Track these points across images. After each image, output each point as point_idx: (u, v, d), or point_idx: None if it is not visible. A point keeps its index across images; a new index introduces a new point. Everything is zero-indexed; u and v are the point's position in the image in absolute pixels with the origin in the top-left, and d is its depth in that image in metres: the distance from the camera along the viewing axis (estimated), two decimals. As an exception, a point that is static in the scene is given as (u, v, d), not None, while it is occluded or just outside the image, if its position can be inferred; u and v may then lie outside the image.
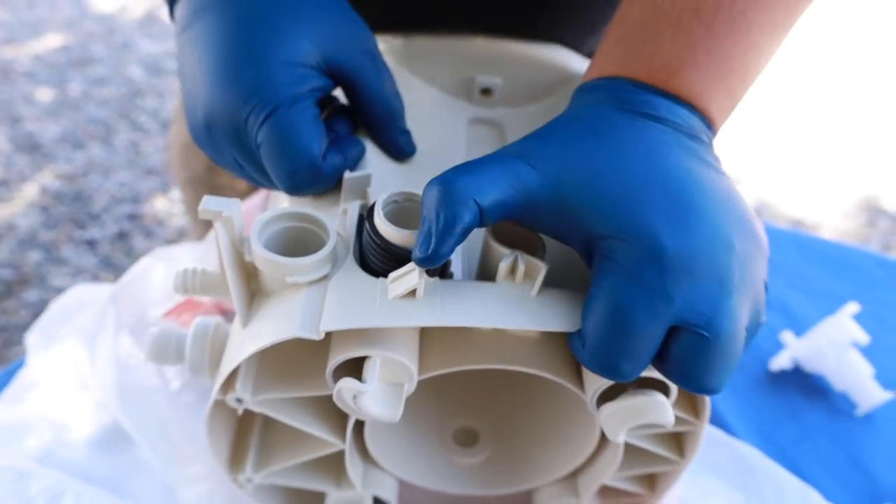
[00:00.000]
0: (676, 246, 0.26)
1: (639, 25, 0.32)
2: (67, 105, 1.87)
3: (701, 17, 0.30)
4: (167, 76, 2.02)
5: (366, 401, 0.28)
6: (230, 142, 0.33)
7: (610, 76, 0.31)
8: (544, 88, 0.43)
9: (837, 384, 0.50)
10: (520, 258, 0.28)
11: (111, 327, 0.47)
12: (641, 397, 0.28)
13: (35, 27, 2.18)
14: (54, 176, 1.65)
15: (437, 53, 0.43)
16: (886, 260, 0.61)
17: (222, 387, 0.31)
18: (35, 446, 0.43)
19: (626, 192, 0.27)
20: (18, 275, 1.43)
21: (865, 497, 0.45)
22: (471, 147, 0.41)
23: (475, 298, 0.28)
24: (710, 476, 0.46)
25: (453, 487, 0.39)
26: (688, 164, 0.28)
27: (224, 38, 0.33)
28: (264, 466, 0.35)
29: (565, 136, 0.29)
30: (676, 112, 0.30)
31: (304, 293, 0.28)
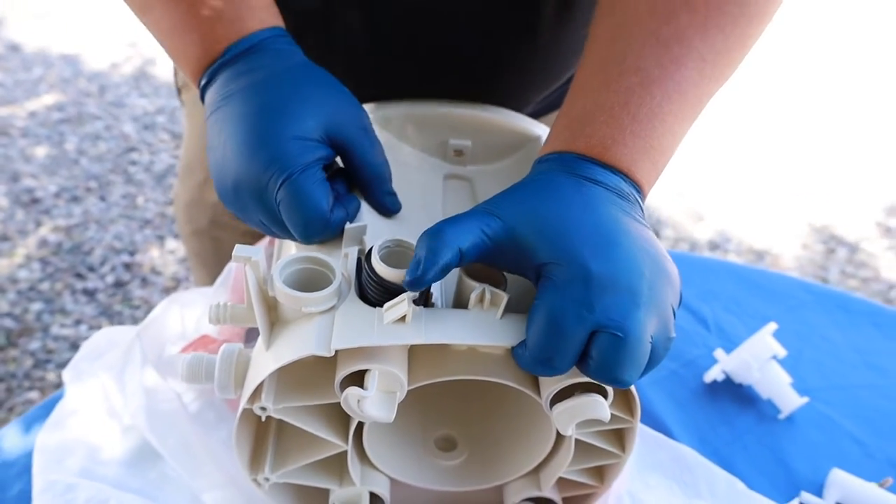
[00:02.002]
0: (598, 269, 0.34)
1: (582, 114, 0.41)
2: (64, 161, 1.95)
3: (628, 109, 0.40)
4: (159, 131, 2.11)
5: (367, 405, 0.36)
6: (254, 203, 0.41)
7: (559, 151, 0.40)
8: (506, 149, 0.52)
9: (763, 392, 0.58)
10: (486, 290, 0.36)
11: (138, 361, 0.54)
12: (585, 398, 0.36)
13: (31, 87, 2.27)
14: (53, 229, 1.72)
15: (418, 120, 0.52)
16: (810, 285, 0.70)
17: (249, 398, 0.38)
18: (75, 465, 0.50)
19: (564, 230, 0.36)
20: (20, 325, 1.49)
21: (785, 487, 0.53)
22: (446, 199, 0.50)
23: (452, 322, 0.36)
24: (654, 473, 0.53)
25: (436, 485, 0.46)
26: (615, 214, 0.37)
27: (247, 121, 0.41)
28: (280, 467, 0.42)
29: (523, 193, 0.38)
30: (609, 177, 0.39)
31: (316, 320, 0.36)
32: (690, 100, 0.41)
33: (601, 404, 0.36)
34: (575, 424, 0.38)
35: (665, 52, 0.40)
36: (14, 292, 1.56)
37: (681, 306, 0.68)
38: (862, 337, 0.65)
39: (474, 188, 0.51)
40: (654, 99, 0.40)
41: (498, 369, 0.38)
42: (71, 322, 1.50)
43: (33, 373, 1.40)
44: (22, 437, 0.54)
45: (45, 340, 1.46)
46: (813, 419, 0.58)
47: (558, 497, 0.45)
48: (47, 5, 2.73)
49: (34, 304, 1.53)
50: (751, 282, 0.70)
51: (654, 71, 0.40)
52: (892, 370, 0.62)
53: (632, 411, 0.40)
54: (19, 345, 1.45)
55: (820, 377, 0.61)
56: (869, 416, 0.58)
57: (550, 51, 0.56)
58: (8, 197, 1.81)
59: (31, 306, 1.53)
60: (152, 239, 1.72)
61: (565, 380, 0.36)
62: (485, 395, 0.47)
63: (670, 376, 0.61)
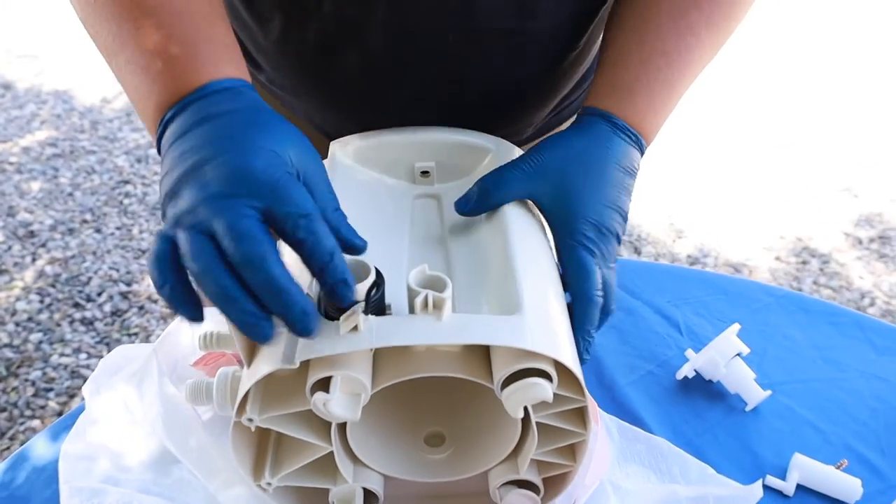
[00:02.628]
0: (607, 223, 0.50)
1: (626, 83, 0.54)
2: (59, 195, 2.00)
3: (659, 83, 0.54)
4: (152, 164, 2.16)
5: (332, 406, 0.40)
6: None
7: (609, 112, 0.53)
8: (468, 165, 0.58)
9: (730, 387, 0.64)
10: (430, 295, 0.41)
11: (155, 374, 0.59)
12: (527, 381, 0.40)
13: (24, 124, 2.32)
14: (50, 261, 1.76)
15: (386, 149, 0.57)
16: (772, 288, 0.76)
17: (237, 411, 0.43)
18: (100, 471, 0.55)
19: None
20: (20, 355, 1.52)
21: (752, 471, 0.58)
22: (414, 216, 0.55)
23: (399, 327, 0.41)
24: (632, 464, 0.58)
25: (426, 477, 0.50)
26: (618, 169, 0.51)
27: (216, 147, 0.40)
28: (278, 471, 0.47)
29: (567, 155, 0.52)
30: (630, 132, 0.53)
31: (286, 338, 0.40)
32: (695, 74, 0.56)
33: (542, 386, 0.40)
34: (530, 406, 0.43)
35: (682, 40, 0.54)
36: (13, 323, 1.59)
37: (656, 312, 0.74)
38: (820, 335, 0.70)
39: (441, 204, 0.56)
40: (673, 75, 0.54)
41: (453, 365, 0.43)
42: (70, 351, 1.53)
43: (34, 401, 1.43)
44: (50, 446, 0.58)
45: (46, 369, 1.49)
46: (776, 410, 0.63)
47: (538, 478, 0.49)
48: (36, 46, 2.79)
49: (33, 334, 1.56)
50: (718, 287, 0.76)
51: (674, 55, 0.54)
52: (848, 364, 0.68)
53: (581, 391, 0.43)
54: (19, 374, 1.48)
55: (782, 372, 0.66)
56: (826, 407, 0.63)
57: (562, 80, 0.65)
58: (4, 231, 1.85)
59: (31, 336, 1.56)
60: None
61: (512, 366, 0.41)
62: (462, 392, 0.51)
63: (646, 376, 0.66)
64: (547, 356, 0.41)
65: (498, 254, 0.49)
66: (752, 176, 2.25)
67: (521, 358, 0.41)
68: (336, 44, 0.57)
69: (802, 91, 2.74)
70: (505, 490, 0.49)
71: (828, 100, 2.69)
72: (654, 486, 0.55)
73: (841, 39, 3.15)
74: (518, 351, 0.41)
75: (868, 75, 2.88)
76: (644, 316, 0.72)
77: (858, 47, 3.09)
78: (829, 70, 2.90)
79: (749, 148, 2.39)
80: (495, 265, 0.48)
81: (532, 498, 0.50)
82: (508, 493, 0.49)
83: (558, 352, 0.41)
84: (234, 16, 0.60)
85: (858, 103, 2.68)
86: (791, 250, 1.94)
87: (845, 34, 3.19)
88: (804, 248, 1.95)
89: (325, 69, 0.60)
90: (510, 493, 0.49)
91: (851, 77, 2.86)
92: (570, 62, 0.63)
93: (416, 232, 0.53)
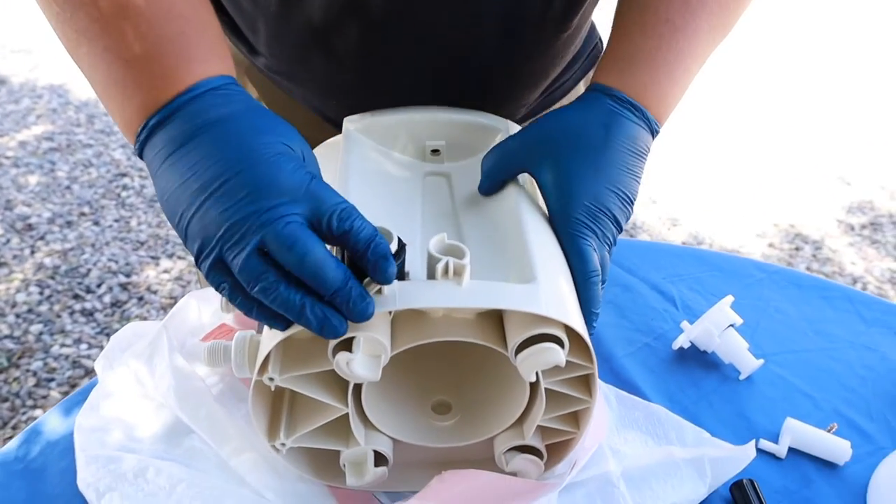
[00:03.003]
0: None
1: (627, 55, 0.52)
2: (56, 188, 2.00)
3: (661, 52, 0.52)
4: (148, 156, 2.17)
5: (355, 365, 0.42)
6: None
7: (609, 85, 0.52)
8: (477, 144, 0.59)
9: (724, 357, 0.66)
10: (450, 261, 0.42)
11: (165, 348, 0.60)
12: (542, 345, 0.42)
13: (20, 118, 2.32)
14: (49, 253, 1.77)
15: (398, 127, 0.59)
16: (763, 264, 0.78)
17: (259, 370, 0.45)
18: (114, 441, 0.56)
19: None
20: (21, 346, 1.53)
21: (745, 435, 0.60)
22: (425, 194, 0.56)
23: (421, 291, 0.42)
24: (630, 430, 0.60)
25: (434, 443, 0.52)
26: (620, 149, 0.49)
27: (226, 155, 0.39)
28: (292, 433, 0.48)
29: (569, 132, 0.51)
30: (639, 114, 0.51)
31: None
32: (703, 44, 0.53)
33: (556, 350, 0.42)
34: (540, 372, 0.44)
35: (686, 7, 0.51)
36: (13, 315, 1.60)
37: (652, 288, 0.75)
38: (811, 308, 0.72)
39: (451, 182, 0.58)
40: (679, 44, 0.51)
41: (469, 331, 0.44)
42: (71, 341, 1.54)
43: (36, 391, 1.44)
44: (63, 420, 0.60)
45: (47, 360, 1.50)
46: (768, 379, 0.65)
47: (541, 444, 0.51)
48: (30, 41, 2.79)
49: (34, 325, 1.58)
50: (712, 264, 0.77)
51: (679, 21, 0.51)
52: (837, 336, 0.70)
53: (590, 358, 0.46)
54: (21, 365, 1.49)
55: (774, 343, 0.68)
56: (817, 375, 0.65)
57: (554, 59, 0.65)
58: (3, 224, 1.86)
59: (31, 328, 1.57)
60: (147, 260, 1.77)
61: (526, 332, 0.43)
62: (474, 361, 0.54)
63: (644, 348, 0.68)
64: (559, 322, 0.43)
65: (509, 228, 0.50)
66: (746, 164, 2.27)
67: (534, 324, 0.43)
68: (332, 28, 0.58)
69: (795, 81, 2.76)
70: (510, 455, 0.51)
71: (820, 89, 2.71)
72: (651, 450, 0.57)
73: (833, 29, 3.17)
74: (532, 317, 0.43)
75: (860, 65, 2.91)
76: (641, 292, 0.74)
77: (851, 38, 3.11)
78: (821, 60, 2.92)
79: (743, 136, 2.41)
80: (507, 239, 0.50)
81: (537, 463, 0.51)
82: (514, 458, 0.51)
83: (571, 318, 0.43)
84: (230, 0, 0.61)
85: (850, 93, 2.70)
86: (784, 237, 1.96)
87: (838, 24, 3.22)
88: (797, 234, 1.97)
89: (321, 54, 0.61)
90: (516, 458, 0.51)
91: (844, 67, 2.88)
92: (562, 42, 0.64)
93: (427, 207, 0.55)
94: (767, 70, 2.82)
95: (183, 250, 1.80)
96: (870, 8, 3.39)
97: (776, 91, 2.68)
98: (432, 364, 0.54)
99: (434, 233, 0.45)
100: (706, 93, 2.56)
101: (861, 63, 2.92)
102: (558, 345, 0.43)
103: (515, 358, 0.44)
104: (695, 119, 2.43)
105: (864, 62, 2.93)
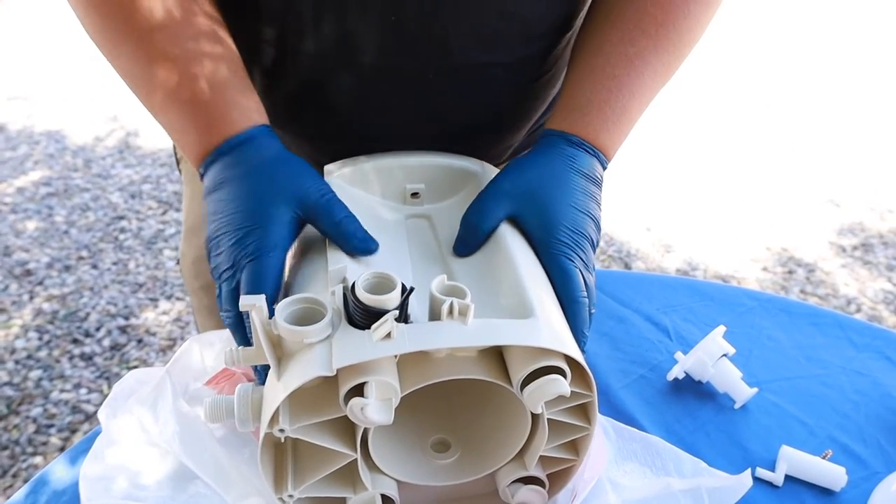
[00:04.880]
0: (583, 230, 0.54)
1: (579, 105, 0.58)
2: (54, 233, 2.02)
3: (609, 104, 0.58)
4: (146, 199, 2.19)
5: (369, 411, 0.43)
6: (233, 270, 0.51)
7: (563, 130, 0.57)
8: (455, 186, 0.61)
9: (719, 387, 0.67)
10: (455, 302, 0.44)
11: (169, 394, 0.61)
12: (547, 377, 0.44)
13: (17, 164, 2.34)
14: (47, 298, 1.78)
15: (378, 172, 0.61)
16: (755, 293, 0.79)
17: (269, 423, 0.45)
18: (119, 490, 0.57)
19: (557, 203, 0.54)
20: (21, 393, 1.53)
21: (742, 464, 0.61)
22: (410, 236, 0.58)
23: (429, 332, 0.44)
24: (628, 462, 0.61)
25: (437, 481, 0.53)
26: (581, 176, 0.55)
27: (238, 208, 0.51)
28: (300, 483, 0.48)
29: (534, 174, 0.56)
30: (590, 154, 0.57)
31: (317, 348, 0.43)
32: (647, 94, 0.60)
33: (561, 381, 0.44)
34: (543, 403, 0.46)
35: (630, 65, 0.58)
36: (12, 362, 1.60)
37: (645, 319, 0.77)
38: (802, 335, 0.74)
39: (433, 223, 0.59)
40: (624, 97, 0.58)
41: (473, 368, 0.46)
42: (71, 386, 1.54)
43: (36, 438, 1.44)
44: (69, 469, 0.60)
45: (46, 406, 1.50)
46: (763, 407, 0.66)
47: (543, 474, 0.52)
48: (26, 88, 2.82)
49: (33, 371, 1.58)
50: (704, 294, 0.79)
51: (624, 78, 0.58)
52: (829, 362, 0.71)
53: (589, 386, 0.47)
54: (20, 412, 1.49)
55: (767, 371, 0.69)
56: (810, 402, 0.66)
57: (534, 102, 0.68)
58: (1, 271, 1.87)
59: (31, 374, 1.57)
60: (145, 302, 1.78)
61: (530, 366, 0.44)
62: (469, 398, 0.55)
63: (639, 380, 0.69)
64: (560, 353, 0.44)
65: (498, 265, 0.52)
66: (737, 189, 2.30)
67: (536, 357, 0.44)
68: (322, 83, 0.61)
69: (784, 106, 2.81)
70: (515, 488, 0.52)
71: (808, 114, 2.76)
72: (649, 481, 0.58)
73: (823, 56, 3.23)
74: (533, 351, 0.44)
75: (848, 89, 2.96)
76: (634, 323, 0.75)
77: (840, 62, 3.17)
78: (809, 85, 2.98)
79: (733, 162, 2.45)
80: (498, 275, 0.51)
81: (541, 493, 0.52)
82: (519, 490, 0.52)
83: (571, 349, 0.45)
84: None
85: (838, 116, 2.75)
86: (777, 260, 1.98)
87: (827, 50, 3.28)
88: (790, 258, 1.99)
89: (310, 107, 0.64)
90: (521, 489, 0.52)
91: (831, 92, 2.93)
92: (542, 84, 0.67)
93: (414, 250, 0.57)
94: (755, 98, 2.87)
95: (181, 291, 1.80)
96: (859, 32, 3.47)
97: (763, 117, 2.72)
98: (426, 403, 0.55)
99: (425, 275, 0.47)
100: (695, 117, 2.60)
101: (846, 86, 2.97)
102: (561, 375, 0.44)
103: (522, 392, 0.45)
104: (686, 145, 2.47)
105: (852, 86, 2.98)
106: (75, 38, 2.99)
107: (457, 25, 0.57)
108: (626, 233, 2.07)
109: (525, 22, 0.59)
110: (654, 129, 2.43)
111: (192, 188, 0.80)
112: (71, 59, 2.92)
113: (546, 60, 0.64)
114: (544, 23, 0.61)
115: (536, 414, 0.48)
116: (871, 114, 2.78)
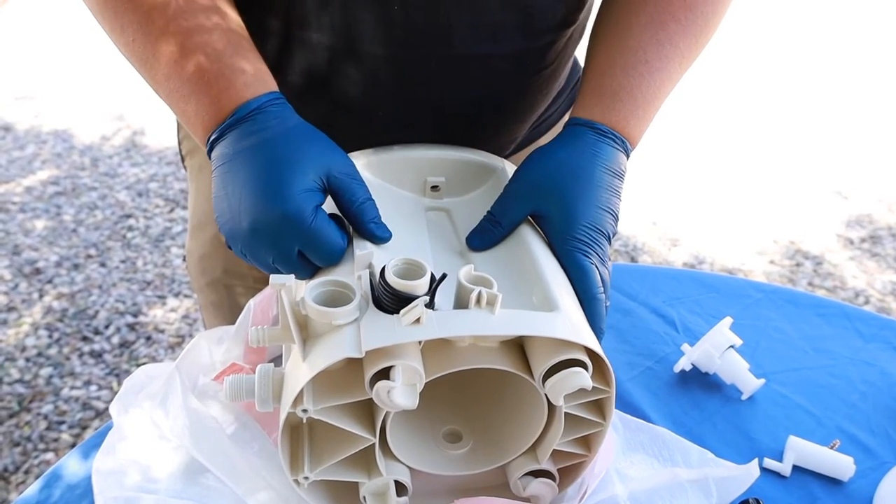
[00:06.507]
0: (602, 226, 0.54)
1: (610, 91, 0.57)
2: (62, 232, 2.03)
3: (641, 90, 0.57)
4: (153, 197, 2.20)
5: (395, 394, 0.43)
6: (267, 247, 0.49)
7: (594, 120, 0.56)
8: (475, 181, 0.61)
9: (726, 378, 0.67)
10: (483, 291, 0.44)
11: (178, 389, 0.62)
12: (570, 370, 0.44)
13: (25, 164, 2.36)
14: (56, 297, 1.79)
15: (399, 164, 0.61)
16: (761, 285, 0.79)
17: (293, 403, 0.45)
18: (132, 483, 0.57)
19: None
20: (32, 390, 1.54)
21: (750, 455, 0.61)
22: (430, 228, 0.58)
23: (458, 320, 0.44)
24: (636, 453, 0.61)
25: (449, 471, 0.53)
26: (606, 172, 0.54)
27: (258, 176, 0.49)
28: (317, 466, 0.49)
29: (561, 169, 0.55)
30: (620, 145, 0.56)
31: (345, 330, 0.44)
32: (675, 80, 0.60)
33: (583, 374, 0.44)
34: (564, 396, 0.46)
35: (661, 50, 0.58)
36: (23, 359, 1.62)
37: (652, 312, 0.77)
38: (809, 326, 0.74)
39: (452, 217, 0.60)
40: (655, 83, 0.57)
41: (496, 358, 0.46)
42: (81, 383, 1.55)
43: (47, 435, 1.45)
44: (82, 463, 0.61)
45: (57, 403, 1.51)
46: (770, 397, 0.66)
47: (554, 468, 0.52)
48: (33, 87, 2.84)
49: (44, 369, 1.59)
50: (710, 286, 0.79)
51: (655, 63, 0.57)
52: (836, 352, 0.71)
53: (608, 382, 0.47)
54: (32, 409, 1.50)
55: (775, 362, 0.69)
56: (818, 392, 0.67)
57: (538, 95, 0.68)
58: (10, 269, 1.88)
59: (41, 371, 1.58)
60: (154, 299, 1.79)
61: (553, 358, 0.44)
62: (483, 389, 0.55)
63: (646, 372, 0.70)
64: (582, 347, 0.45)
65: (519, 259, 0.52)
66: (744, 182, 2.29)
67: (559, 350, 0.44)
68: (326, 73, 0.61)
69: (790, 98, 2.80)
70: (526, 480, 0.52)
71: (814, 106, 2.75)
72: (657, 472, 0.58)
73: (829, 47, 3.21)
74: (556, 343, 0.45)
75: (854, 81, 2.94)
76: (641, 316, 0.76)
77: (846, 55, 3.16)
78: (815, 78, 2.96)
79: (739, 154, 2.44)
80: (519, 269, 0.52)
81: (552, 486, 0.52)
82: (530, 483, 0.52)
83: (595, 344, 0.45)
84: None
85: (844, 108, 2.74)
86: (785, 253, 1.98)
87: (833, 42, 3.26)
88: (797, 250, 1.98)
89: (315, 97, 0.64)
90: (532, 482, 0.52)
91: (837, 83, 2.92)
92: (543, 78, 0.67)
93: (434, 241, 0.57)
94: (762, 89, 2.86)
95: (189, 289, 1.82)
96: (866, 24, 3.45)
97: (769, 110, 2.71)
98: (440, 394, 0.55)
99: (444, 266, 0.47)
100: (703, 111, 2.60)
101: (856, 79, 2.96)
102: (583, 368, 0.44)
103: (544, 384, 0.45)
104: (693, 138, 2.46)
105: (859, 78, 2.97)
106: (82, 37, 3.00)
107: (459, 15, 0.57)
108: (632, 227, 2.06)
109: (527, 13, 0.59)
110: (660, 123, 2.42)
111: (197, 184, 0.81)
112: (77, 58, 2.93)
113: (548, 54, 0.64)
114: (546, 15, 0.61)
115: (552, 407, 0.48)
116: (878, 105, 2.77)
